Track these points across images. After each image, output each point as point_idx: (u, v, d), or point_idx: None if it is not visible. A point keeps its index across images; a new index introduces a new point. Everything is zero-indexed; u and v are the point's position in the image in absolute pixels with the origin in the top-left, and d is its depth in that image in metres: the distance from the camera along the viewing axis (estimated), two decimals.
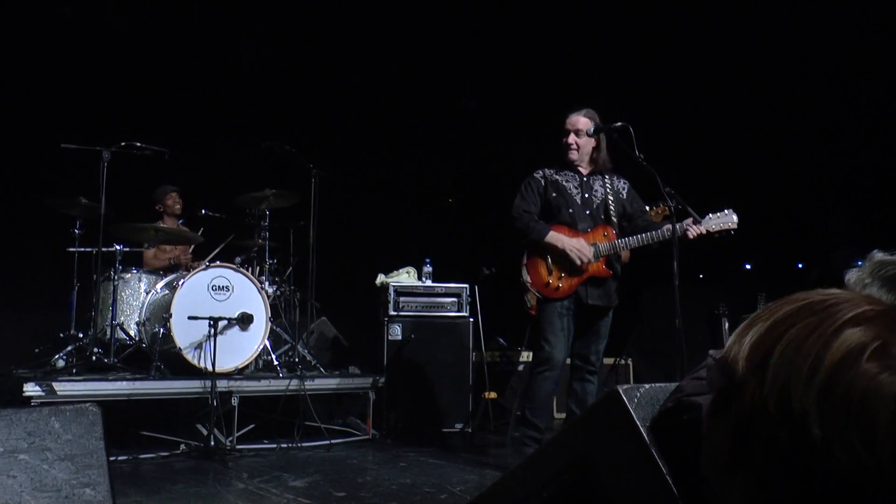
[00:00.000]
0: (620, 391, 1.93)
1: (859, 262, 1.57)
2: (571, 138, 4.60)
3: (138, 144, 5.57)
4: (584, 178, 4.65)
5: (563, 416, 5.53)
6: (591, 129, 4.54)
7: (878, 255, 1.57)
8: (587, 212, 4.59)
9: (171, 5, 7.06)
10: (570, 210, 4.56)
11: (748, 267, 8.40)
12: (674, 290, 3.89)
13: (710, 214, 4.31)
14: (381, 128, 8.22)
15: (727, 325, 6.40)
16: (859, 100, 7.51)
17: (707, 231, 4.29)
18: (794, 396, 0.68)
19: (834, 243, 7.27)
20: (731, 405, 0.73)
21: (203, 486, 4.11)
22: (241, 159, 7.22)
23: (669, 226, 4.19)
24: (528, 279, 4.55)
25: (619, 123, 4.38)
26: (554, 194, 4.59)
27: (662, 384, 2.04)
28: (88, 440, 1.97)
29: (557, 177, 4.64)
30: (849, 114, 7.61)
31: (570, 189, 4.61)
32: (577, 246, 4.44)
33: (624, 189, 4.72)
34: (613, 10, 7.54)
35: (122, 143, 5.52)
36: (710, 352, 1.70)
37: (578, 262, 4.43)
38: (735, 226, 4.31)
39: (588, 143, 4.60)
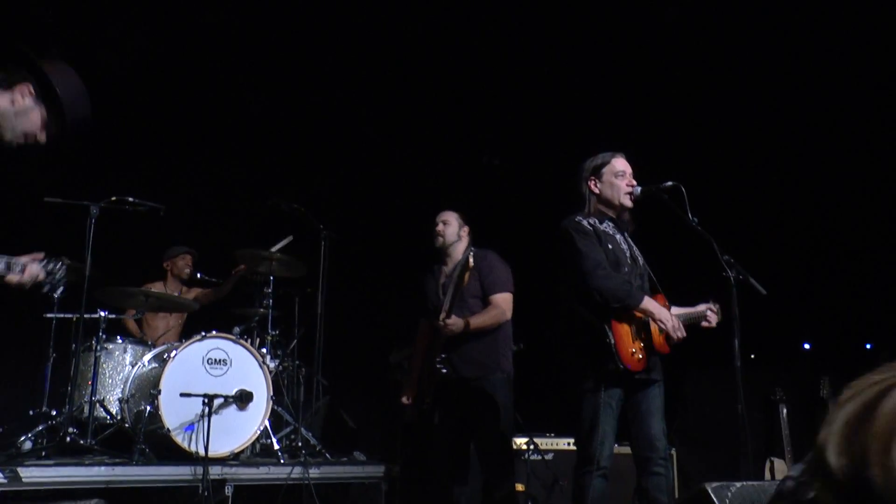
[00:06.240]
0: (709, 490, 1.74)
1: None
2: (630, 180, 4.09)
3: (131, 199, 5.51)
4: (624, 234, 4.13)
5: None
6: (638, 191, 4.06)
7: None
8: (636, 271, 4.06)
9: (172, 49, 7.05)
10: (626, 269, 3.98)
11: (808, 347, 8.23)
12: (735, 371, 3.80)
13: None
14: (398, 187, 8.20)
15: (785, 411, 6.16)
16: None
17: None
18: None
19: None
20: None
21: None
22: (245, 218, 7.18)
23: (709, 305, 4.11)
24: (613, 340, 3.78)
25: (670, 183, 3.95)
26: (610, 246, 3.98)
27: (755, 482, 1.88)
28: None
29: (602, 227, 4.03)
30: None
31: (620, 243, 4.06)
32: (669, 318, 3.85)
33: None
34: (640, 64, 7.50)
35: (113, 198, 5.46)
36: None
37: (675, 337, 3.85)
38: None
39: None
